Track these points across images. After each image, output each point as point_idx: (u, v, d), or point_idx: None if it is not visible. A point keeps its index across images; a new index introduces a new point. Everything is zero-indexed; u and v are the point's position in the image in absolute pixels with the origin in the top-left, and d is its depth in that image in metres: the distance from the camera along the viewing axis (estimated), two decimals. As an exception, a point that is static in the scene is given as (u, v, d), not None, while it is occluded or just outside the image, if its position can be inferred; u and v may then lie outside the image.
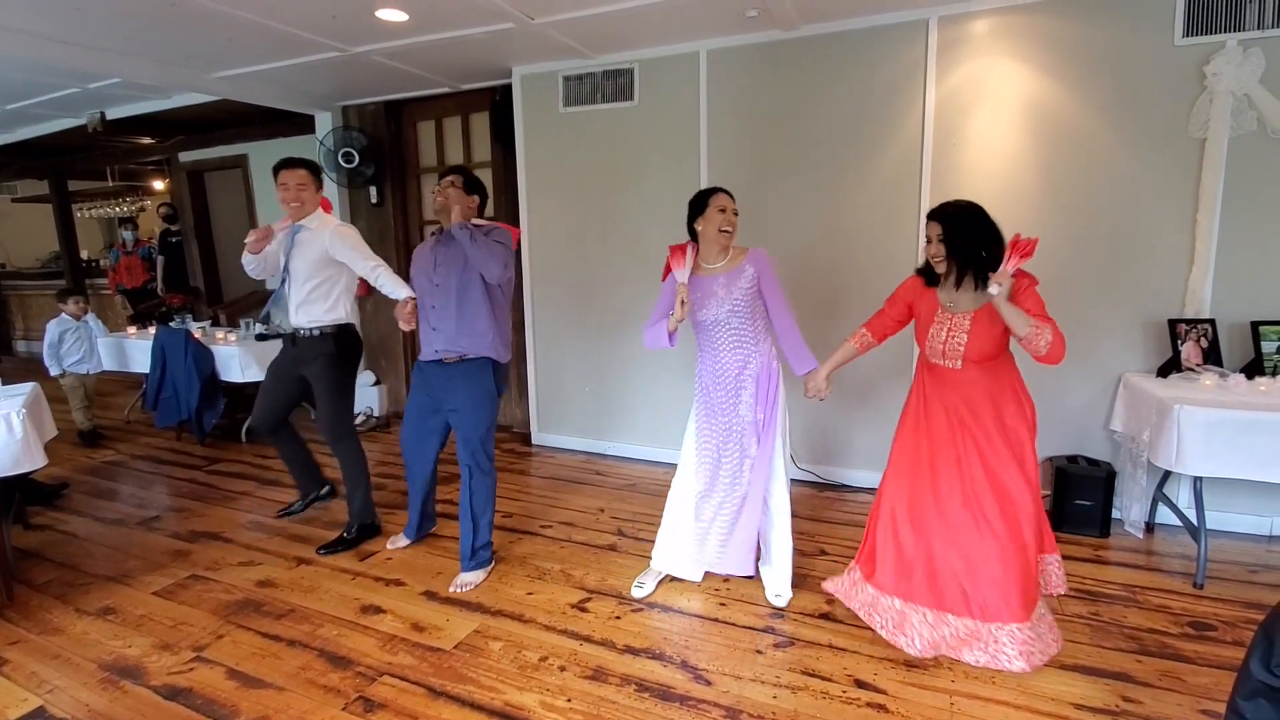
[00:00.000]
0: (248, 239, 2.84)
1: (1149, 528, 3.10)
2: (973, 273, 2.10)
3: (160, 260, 6.61)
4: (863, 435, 3.66)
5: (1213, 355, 2.93)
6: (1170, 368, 2.96)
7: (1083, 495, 3.07)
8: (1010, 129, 3.21)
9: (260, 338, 4.75)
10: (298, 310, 2.93)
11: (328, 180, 4.51)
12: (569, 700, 2.02)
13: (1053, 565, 2.33)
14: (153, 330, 4.93)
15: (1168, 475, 2.99)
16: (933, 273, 2.23)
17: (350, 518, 3.11)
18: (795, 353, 2.46)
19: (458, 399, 2.68)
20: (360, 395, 3.21)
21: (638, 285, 4.08)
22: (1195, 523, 2.67)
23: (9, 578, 2.67)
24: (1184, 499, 3.02)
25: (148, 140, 6.60)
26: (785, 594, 2.55)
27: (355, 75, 4.28)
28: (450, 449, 2.83)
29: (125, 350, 4.95)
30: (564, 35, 3.54)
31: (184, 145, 6.47)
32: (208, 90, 4.35)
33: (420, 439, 2.85)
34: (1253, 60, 2.79)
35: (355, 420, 3.27)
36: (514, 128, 4.31)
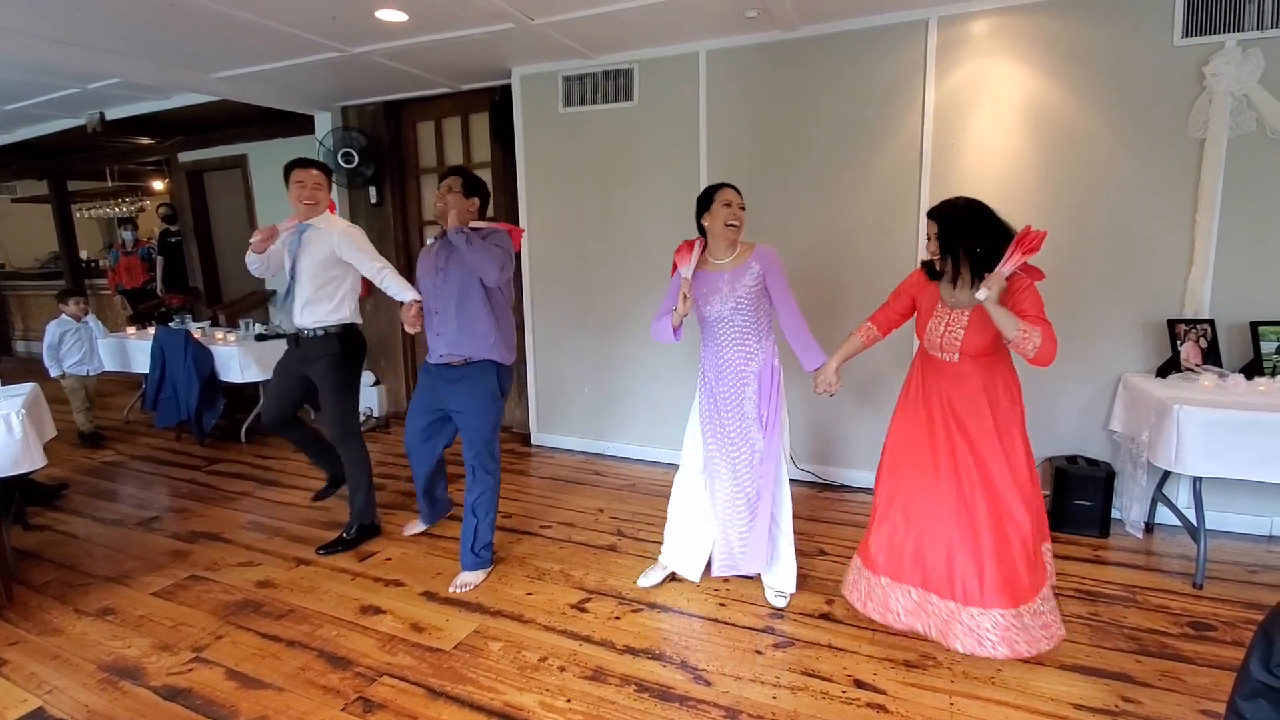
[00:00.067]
0: (253, 238, 2.84)
1: (1148, 528, 3.10)
2: (969, 271, 2.13)
3: (160, 260, 6.61)
4: (863, 435, 3.66)
5: (1212, 355, 2.93)
6: (1169, 368, 2.96)
7: (1082, 495, 3.07)
8: (1010, 129, 3.21)
9: (260, 338, 4.75)
10: (303, 310, 2.92)
11: (327, 180, 4.50)
12: (568, 700, 2.02)
13: (1045, 554, 2.36)
14: (152, 330, 4.93)
15: (1167, 475, 2.99)
16: (935, 268, 2.27)
17: (350, 518, 3.11)
18: (804, 349, 2.46)
19: (462, 401, 2.69)
20: (360, 396, 3.21)
21: (637, 285, 4.08)
22: (1195, 523, 2.68)
23: (8, 578, 2.67)
24: (1183, 499, 3.03)
25: (147, 140, 6.60)
26: (788, 591, 2.56)
27: (355, 76, 4.28)
28: (457, 446, 2.84)
29: (127, 351, 4.95)
30: (564, 36, 3.54)
31: (183, 145, 6.46)
32: (207, 91, 4.35)
33: (424, 439, 2.86)
34: (1252, 61, 2.79)
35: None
36: (514, 128, 4.31)
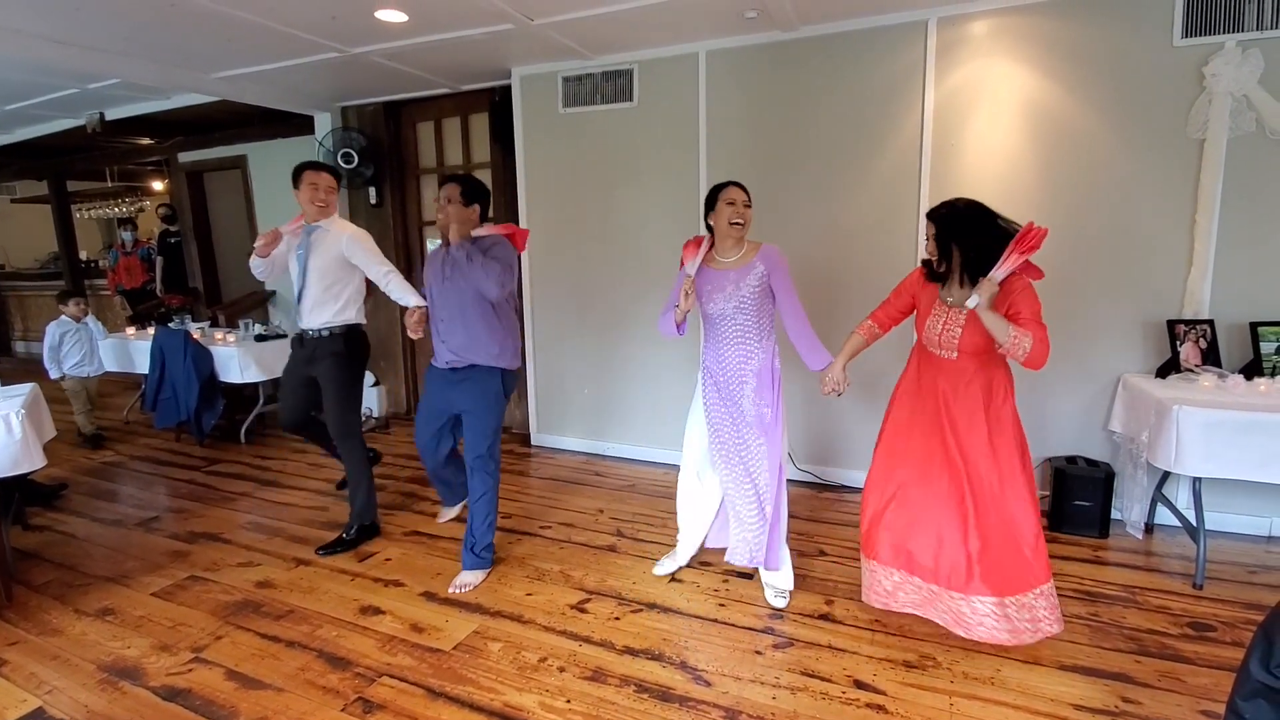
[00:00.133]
0: (257, 243, 2.86)
1: (1148, 528, 3.10)
2: (966, 272, 2.17)
3: (159, 261, 6.60)
4: (862, 435, 3.66)
5: (1211, 356, 2.94)
6: (1169, 368, 2.96)
7: (1082, 496, 3.07)
8: (1009, 130, 3.21)
9: (259, 338, 4.75)
10: (310, 311, 2.94)
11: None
12: (568, 701, 2.02)
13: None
14: (151, 331, 4.93)
15: (1167, 476, 2.99)
16: (934, 268, 2.30)
17: (350, 518, 3.11)
18: (808, 349, 2.47)
19: (466, 402, 2.71)
20: (362, 396, 3.22)
21: (637, 286, 4.08)
22: (1194, 523, 2.68)
23: (8, 578, 2.67)
24: (1183, 500, 3.02)
25: (147, 141, 6.60)
26: (786, 588, 2.56)
27: (354, 76, 4.28)
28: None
29: (129, 351, 4.95)
30: (563, 36, 3.54)
31: (183, 146, 6.46)
32: (207, 91, 4.35)
33: (434, 440, 2.87)
34: (1251, 61, 2.79)
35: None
36: (513, 129, 4.31)
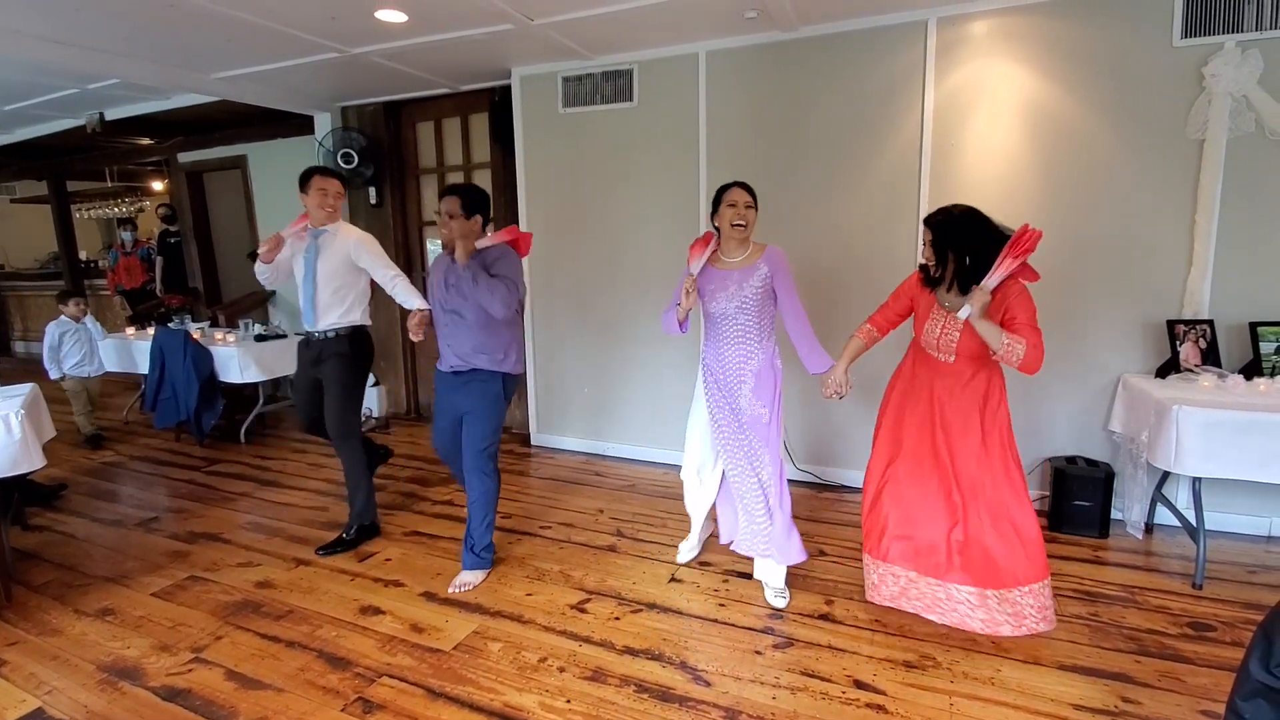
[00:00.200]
0: (260, 249, 2.88)
1: (1148, 528, 3.10)
2: (963, 278, 2.21)
3: (159, 261, 6.60)
4: (862, 436, 3.65)
5: (1211, 356, 2.94)
6: (1169, 368, 2.96)
7: (1082, 496, 3.07)
8: (1009, 130, 3.21)
9: (259, 338, 4.75)
10: (316, 313, 2.95)
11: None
12: (568, 701, 2.02)
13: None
14: (151, 331, 4.93)
15: (1166, 476, 2.99)
16: (930, 273, 2.33)
17: (350, 518, 3.11)
18: (808, 353, 2.48)
19: (468, 404, 2.72)
20: (364, 398, 3.22)
21: (636, 286, 4.08)
22: (1194, 523, 2.68)
23: (7, 579, 2.67)
24: (1183, 500, 3.03)
25: (146, 141, 6.60)
26: (782, 580, 2.57)
27: (354, 76, 4.28)
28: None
29: (131, 352, 4.95)
30: (563, 36, 3.54)
31: (183, 146, 6.46)
32: (207, 91, 4.35)
33: (452, 443, 2.85)
34: (1251, 62, 2.80)
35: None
36: (513, 129, 4.31)
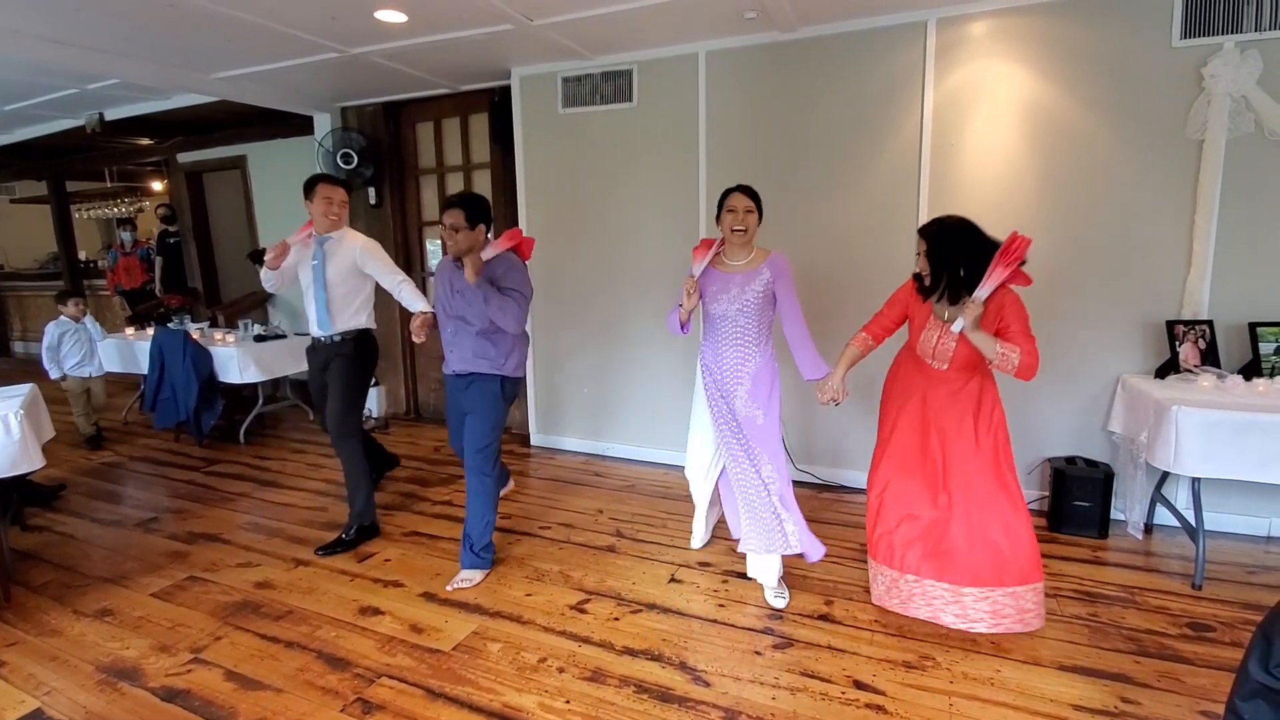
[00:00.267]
0: (267, 256, 2.91)
1: (1148, 529, 3.10)
2: (956, 287, 2.24)
3: (158, 261, 6.60)
4: (861, 437, 3.65)
5: (1210, 356, 2.94)
6: (1168, 369, 2.96)
7: (1081, 496, 3.07)
8: (1008, 130, 3.21)
9: (259, 339, 4.75)
10: (323, 319, 2.98)
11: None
12: (567, 702, 2.02)
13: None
14: (151, 331, 4.92)
15: (1166, 476, 2.99)
16: (924, 283, 2.36)
17: (349, 519, 3.11)
18: (805, 359, 2.49)
19: (469, 404, 2.74)
20: (366, 399, 3.23)
21: (636, 286, 4.08)
22: (1193, 524, 2.68)
23: (6, 579, 2.67)
24: (1182, 500, 3.02)
25: (146, 141, 6.59)
26: (777, 578, 2.57)
27: (354, 76, 4.28)
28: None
29: (130, 352, 4.94)
30: (563, 36, 3.55)
31: (182, 146, 6.46)
32: (207, 91, 4.35)
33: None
34: (1250, 62, 2.80)
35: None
36: (513, 129, 4.31)
